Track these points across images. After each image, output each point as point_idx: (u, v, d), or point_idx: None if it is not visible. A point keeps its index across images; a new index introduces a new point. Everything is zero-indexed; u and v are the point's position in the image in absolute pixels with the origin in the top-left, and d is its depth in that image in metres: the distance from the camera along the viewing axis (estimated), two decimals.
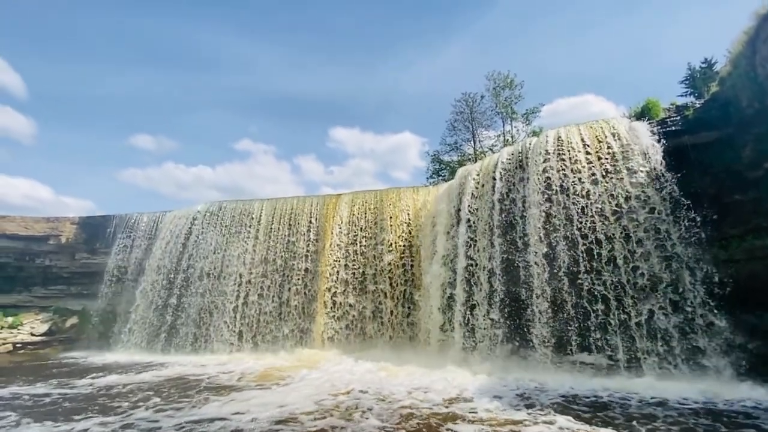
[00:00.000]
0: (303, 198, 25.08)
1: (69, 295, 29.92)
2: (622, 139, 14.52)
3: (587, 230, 13.67)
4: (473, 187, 17.96)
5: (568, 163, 14.86)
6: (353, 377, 14.19)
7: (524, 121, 33.44)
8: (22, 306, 29.53)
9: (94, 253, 30.09)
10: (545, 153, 15.44)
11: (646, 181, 13.52)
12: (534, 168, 15.62)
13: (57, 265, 30.69)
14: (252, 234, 24.24)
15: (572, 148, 15.05)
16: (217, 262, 24.11)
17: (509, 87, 33.41)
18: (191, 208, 27.36)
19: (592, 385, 11.60)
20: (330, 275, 21.62)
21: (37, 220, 31.37)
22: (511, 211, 16.13)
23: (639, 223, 13.15)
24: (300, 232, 23.47)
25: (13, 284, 30.20)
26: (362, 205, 23.08)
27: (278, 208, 24.73)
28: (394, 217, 21.94)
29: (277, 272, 22.88)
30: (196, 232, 25.55)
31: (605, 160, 14.37)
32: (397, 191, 22.88)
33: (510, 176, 16.71)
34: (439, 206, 19.94)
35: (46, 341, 26.94)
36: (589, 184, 14.22)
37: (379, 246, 21.58)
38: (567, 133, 15.50)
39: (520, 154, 16.74)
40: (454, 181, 19.87)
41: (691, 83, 23.62)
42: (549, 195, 14.79)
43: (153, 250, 26.48)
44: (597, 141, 14.89)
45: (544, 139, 15.93)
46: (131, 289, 26.20)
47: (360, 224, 22.52)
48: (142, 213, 29.58)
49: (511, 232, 15.86)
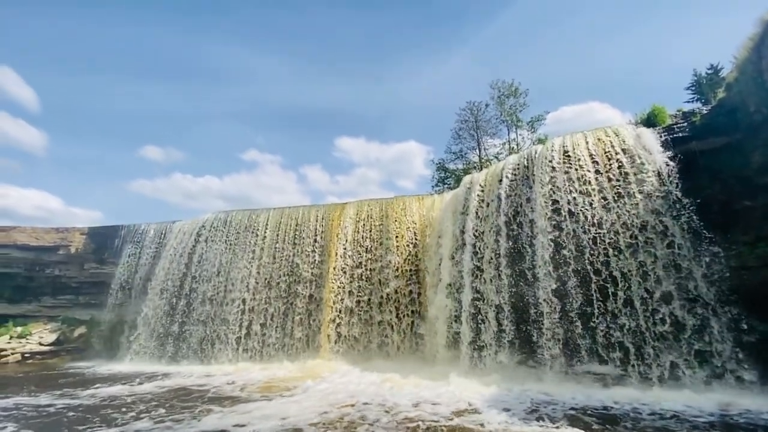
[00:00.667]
0: (308, 208, 25.11)
1: (77, 305, 30.16)
2: (634, 157, 14.09)
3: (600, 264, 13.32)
4: (476, 205, 17.55)
5: (576, 184, 14.50)
6: (358, 388, 14.02)
7: (529, 129, 33.38)
8: (31, 316, 29.82)
9: (103, 263, 30.38)
10: (551, 170, 15.13)
11: (662, 206, 13.06)
12: (540, 190, 15.16)
13: (66, 275, 31.02)
14: (256, 254, 24.01)
15: (580, 167, 14.70)
16: (221, 279, 24.15)
17: (514, 95, 33.45)
18: (198, 218, 27.59)
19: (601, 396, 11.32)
20: (334, 303, 21.16)
21: (47, 231, 31.83)
22: (518, 237, 15.67)
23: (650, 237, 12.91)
24: (304, 252, 23.20)
25: (23, 294, 30.56)
26: (367, 220, 22.72)
27: (283, 222, 24.56)
28: (399, 236, 21.53)
29: (281, 298, 22.70)
30: (201, 244, 25.68)
31: (616, 182, 14.00)
32: (402, 200, 22.82)
33: (516, 196, 16.31)
34: (444, 225, 19.53)
35: (54, 351, 27.10)
36: (600, 209, 13.84)
37: (384, 269, 21.11)
38: (573, 145, 15.26)
39: (526, 168, 16.49)
40: (459, 190, 19.78)
41: (697, 89, 23.38)
42: (557, 221, 14.40)
43: (160, 260, 26.67)
44: (606, 158, 14.54)
45: (549, 153, 15.63)
46: (138, 298, 26.35)
47: (365, 244, 22.13)
48: (150, 223, 29.87)
49: (519, 262, 15.39)
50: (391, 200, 23.20)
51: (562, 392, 12.06)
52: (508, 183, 16.61)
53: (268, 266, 23.46)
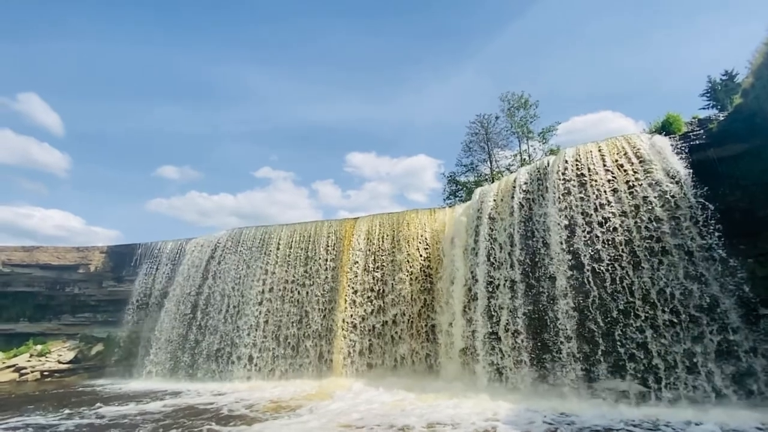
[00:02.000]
0: (320, 223, 25.15)
1: (95, 323, 30.66)
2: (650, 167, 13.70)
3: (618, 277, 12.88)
4: (489, 217, 17.21)
5: (591, 195, 14.15)
6: (369, 408, 13.68)
7: (541, 140, 33.20)
8: (50, 334, 30.40)
9: (121, 281, 30.95)
10: (564, 182, 14.86)
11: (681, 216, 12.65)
12: (554, 202, 14.81)
13: (85, 293, 31.67)
14: (269, 271, 24.00)
15: (594, 177, 14.41)
16: (235, 297, 24.28)
17: (524, 107, 33.44)
18: (212, 235, 27.98)
19: None
20: (347, 320, 20.86)
21: (68, 250, 32.69)
22: (533, 250, 15.24)
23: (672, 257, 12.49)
24: (317, 268, 23.05)
25: (43, 313, 31.26)
26: (379, 235, 22.53)
27: (295, 238, 24.59)
28: (412, 251, 21.20)
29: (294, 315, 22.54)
30: (216, 262, 25.96)
31: (632, 192, 13.63)
32: (414, 213, 22.68)
33: (529, 208, 16.00)
34: (456, 238, 19.10)
35: (72, 369, 27.46)
36: (616, 220, 13.45)
37: (397, 285, 20.73)
38: (586, 155, 15.01)
39: (539, 180, 16.22)
40: (471, 203, 19.58)
41: (712, 96, 23.07)
42: (573, 234, 14.04)
43: (175, 278, 27.03)
44: (621, 168, 14.21)
45: (562, 164, 15.37)
46: (154, 316, 26.65)
47: (377, 259, 21.88)
48: (166, 241, 30.42)
49: (535, 276, 14.94)
50: (403, 214, 23.12)
51: (583, 410, 11.60)
52: (521, 195, 16.39)
53: (281, 283, 23.51)
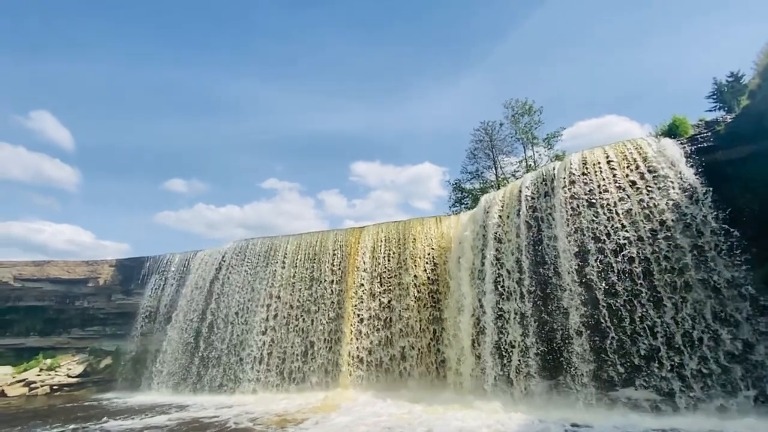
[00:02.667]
0: (326, 233, 25.14)
1: (104, 336, 30.78)
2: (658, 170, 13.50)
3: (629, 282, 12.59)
4: (496, 224, 17.00)
5: (598, 201, 13.92)
6: (377, 421, 13.43)
7: (546, 146, 33.08)
8: (60, 348, 30.55)
9: (129, 294, 31.13)
10: (571, 187, 14.65)
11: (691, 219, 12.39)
12: (561, 207, 14.56)
13: (94, 307, 31.87)
14: (276, 282, 23.88)
15: (601, 182, 14.17)
16: (242, 309, 24.22)
17: (528, 113, 33.42)
18: (220, 247, 28.11)
19: None
20: (354, 329, 20.63)
21: (78, 264, 33.03)
22: (541, 256, 15.05)
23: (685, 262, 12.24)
24: (323, 278, 22.86)
25: (53, 327, 31.47)
26: (385, 244, 22.34)
27: (301, 249, 24.51)
28: (418, 259, 20.94)
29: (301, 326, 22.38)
30: (223, 273, 26.02)
31: (640, 197, 13.37)
32: (420, 221, 22.57)
33: (536, 215, 15.77)
34: (463, 245, 18.85)
35: (81, 383, 27.50)
36: (626, 225, 13.19)
37: (404, 294, 20.51)
38: (593, 160, 14.86)
39: (545, 185, 16.05)
40: (477, 210, 19.44)
41: (718, 98, 22.90)
42: (581, 239, 13.81)
43: (183, 290, 27.12)
44: (628, 172, 14.01)
45: (568, 169, 15.21)
46: (162, 329, 26.70)
47: (384, 269, 21.67)
48: (174, 253, 30.61)
49: (544, 282, 14.71)
50: (409, 222, 23.04)
51: (598, 420, 11.30)
52: (527, 201, 16.27)
53: (288, 294, 23.45)
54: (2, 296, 31.42)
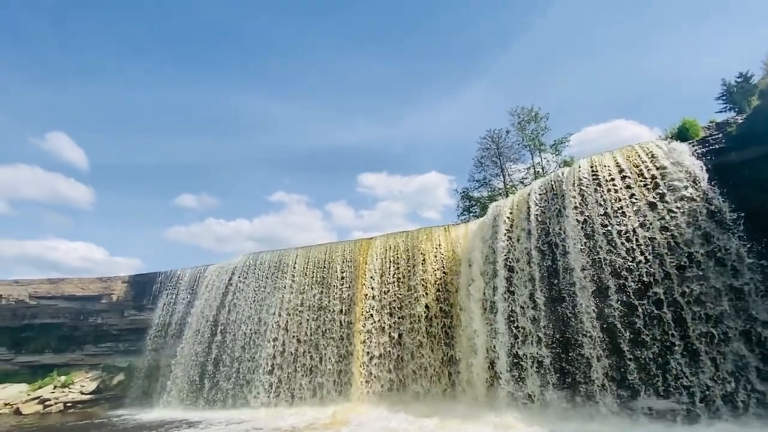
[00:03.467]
0: (335, 245, 25.07)
1: (117, 352, 30.94)
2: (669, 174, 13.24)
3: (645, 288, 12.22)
4: (506, 232, 16.69)
5: (610, 206, 13.60)
6: None
7: (553, 152, 32.91)
8: (74, 364, 30.76)
9: (141, 310, 31.35)
10: (581, 193, 14.43)
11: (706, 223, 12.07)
12: (572, 214, 14.27)
13: (108, 323, 32.12)
14: (285, 296, 23.82)
15: (612, 187, 13.86)
16: (252, 322, 24.23)
17: (534, 120, 33.36)
18: (230, 261, 28.27)
19: None
20: (364, 342, 20.36)
21: (92, 281, 33.47)
22: (553, 264, 14.69)
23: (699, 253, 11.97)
24: (333, 291, 22.73)
25: (68, 343, 31.75)
26: (394, 255, 22.14)
27: (310, 261, 24.43)
28: (428, 269, 20.71)
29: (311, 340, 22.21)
30: (233, 287, 26.09)
31: (652, 201, 13.08)
32: (429, 231, 22.44)
33: (546, 222, 15.47)
34: (473, 254, 18.56)
35: (94, 399, 27.59)
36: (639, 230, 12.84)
37: (414, 305, 20.17)
38: (602, 165, 14.62)
39: (554, 192, 15.83)
40: (486, 218, 19.23)
41: (728, 99, 22.60)
42: (594, 246, 13.48)
43: (194, 305, 27.25)
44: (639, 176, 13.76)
45: (577, 175, 14.99)
46: (173, 344, 26.76)
47: (394, 280, 21.44)
48: (185, 268, 30.87)
49: (556, 291, 14.36)
50: (417, 232, 22.91)
51: None
52: (536, 208, 16.10)
53: (298, 307, 23.37)
54: (18, 314, 31.92)
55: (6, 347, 31.41)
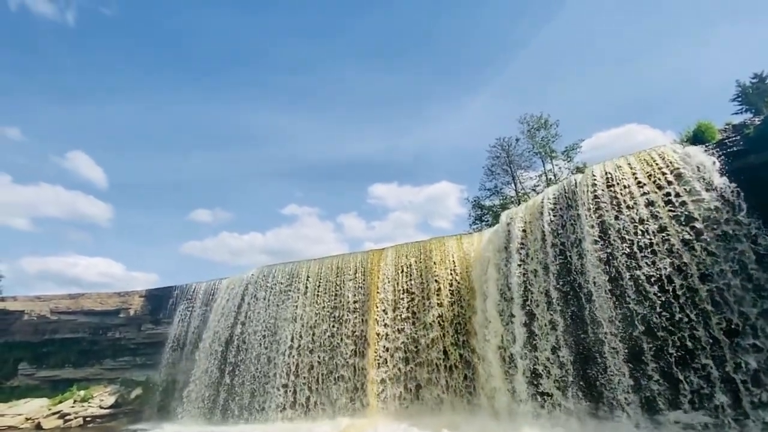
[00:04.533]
0: (347, 256, 25.12)
1: (135, 366, 31.29)
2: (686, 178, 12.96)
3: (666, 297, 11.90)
4: (519, 240, 16.53)
5: (626, 213, 13.29)
6: None
7: (565, 159, 32.66)
8: (93, 379, 31.19)
9: (158, 324, 31.74)
10: (595, 200, 14.17)
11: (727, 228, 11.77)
12: (587, 221, 14.07)
13: (126, 337, 32.58)
14: (299, 309, 23.77)
15: (628, 193, 13.61)
16: (267, 335, 24.29)
17: (544, 127, 33.25)
18: (244, 274, 28.47)
19: None
20: (379, 356, 20.14)
21: (110, 296, 34.07)
22: (569, 272, 14.50)
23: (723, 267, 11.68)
24: (346, 303, 22.61)
25: (87, 358, 32.26)
26: (407, 265, 21.97)
27: (323, 273, 24.39)
28: (442, 279, 20.50)
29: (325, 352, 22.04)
30: (247, 301, 26.21)
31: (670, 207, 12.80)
32: (441, 241, 22.31)
33: (561, 229, 15.30)
34: (487, 264, 18.39)
35: (113, 414, 27.86)
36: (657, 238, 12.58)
37: (429, 316, 19.96)
38: (616, 171, 14.40)
39: (567, 198, 15.63)
40: (499, 227, 19.09)
41: (743, 100, 22.24)
42: (611, 254, 13.21)
43: (209, 319, 27.46)
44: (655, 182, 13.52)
45: (590, 181, 14.78)
46: (190, 358, 26.96)
47: (407, 291, 21.29)
48: (200, 282, 31.22)
49: (574, 299, 14.16)
50: (430, 242, 22.83)
51: None
52: (550, 216, 15.93)
53: (311, 319, 23.37)
54: (40, 329, 32.62)
55: (28, 362, 32.06)
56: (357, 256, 24.64)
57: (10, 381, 31.26)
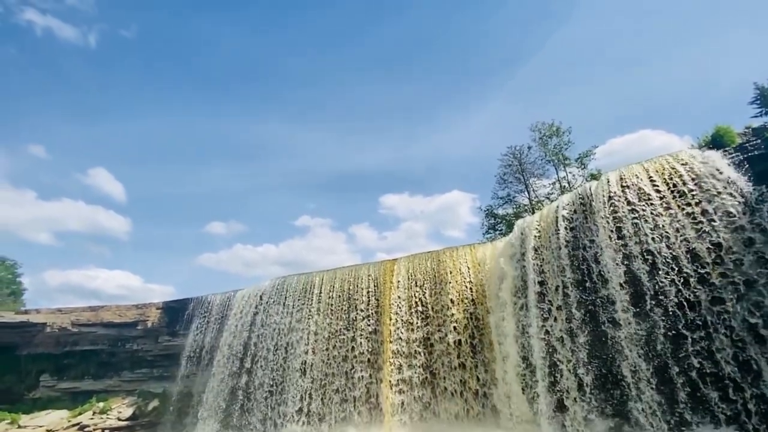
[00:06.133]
0: (359, 267, 25.13)
1: (152, 378, 31.61)
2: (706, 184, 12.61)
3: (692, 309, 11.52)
4: (534, 250, 16.21)
5: (645, 221, 12.98)
6: None
7: (579, 166, 32.17)
8: (111, 390, 31.60)
9: (175, 336, 32.10)
10: (612, 207, 13.86)
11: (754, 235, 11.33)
12: (604, 230, 13.71)
13: (143, 349, 33.00)
14: (313, 321, 23.71)
15: (646, 200, 13.28)
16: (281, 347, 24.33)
17: (556, 134, 32.89)
18: (258, 286, 28.72)
19: None
20: (393, 366, 19.96)
21: (128, 308, 34.68)
22: (586, 281, 14.10)
23: None
24: (359, 314, 22.46)
25: (106, 370, 32.75)
26: (420, 276, 21.76)
27: (336, 285, 24.32)
28: (456, 290, 20.21)
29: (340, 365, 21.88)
30: (262, 312, 26.38)
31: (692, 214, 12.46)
32: (454, 251, 22.13)
33: (577, 238, 14.92)
34: (502, 274, 17.99)
35: (130, 426, 28.13)
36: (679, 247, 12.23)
37: (443, 327, 19.72)
38: (632, 177, 14.14)
39: (583, 206, 15.35)
40: (513, 236, 18.87)
41: (763, 102, 21.64)
42: (631, 264, 12.81)
43: (224, 330, 27.67)
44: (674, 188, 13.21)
45: (606, 189, 14.54)
46: (205, 370, 27.15)
47: (420, 301, 21.05)
48: (215, 294, 31.57)
49: (593, 309, 13.73)
50: (443, 252, 22.67)
51: None
52: (565, 224, 15.69)
53: (325, 330, 23.33)
54: (61, 341, 33.30)
55: (49, 374, 32.69)
56: (369, 268, 24.61)
57: (32, 393, 31.89)
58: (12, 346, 33.11)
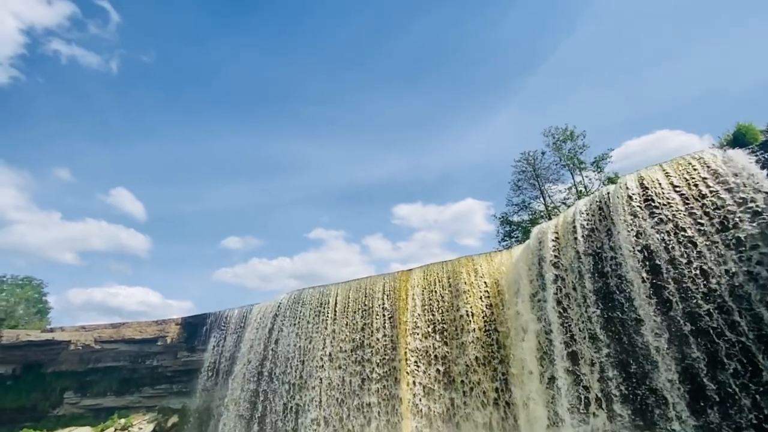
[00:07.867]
0: (374, 279, 24.93)
1: (171, 394, 31.85)
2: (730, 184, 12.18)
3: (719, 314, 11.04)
4: (552, 257, 15.87)
5: (666, 224, 12.61)
6: None
7: (595, 170, 31.54)
8: (132, 407, 31.98)
9: (193, 351, 32.37)
10: (632, 211, 13.48)
11: None
12: (624, 236, 13.26)
13: (162, 365, 33.37)
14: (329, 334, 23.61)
15: (667, 204, 12.89)
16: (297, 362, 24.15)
17: (570, 139, 32.41)
18: (274, 299, 28.81)
19: None
20: (411, 380, 19.61)
21: (149, 324, 35.22)
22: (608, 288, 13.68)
23: None
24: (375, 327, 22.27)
25: (127, 386, 33.21)
26: (435, 286, 21.47)
27: (351, 297, 24.19)
28: (472, 300, 19.85)
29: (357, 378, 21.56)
30: (278, 326, 26.33)
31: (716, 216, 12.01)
32: (470, 260, 21.76)
33: (596, 244, 14.54)
34: (520, 282, 17.68)
35: None
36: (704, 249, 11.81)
37: (461, 338, 19.37)
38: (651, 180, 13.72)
39: (601, 211, 14.91)
40: (530, 243, 18.47)
41: None
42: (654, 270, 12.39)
43: (241, 345, 27.76)
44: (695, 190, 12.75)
45: (624, 192, 14.15)
46: (224, 384, 27.20)
47: (436, 312, 20.79)
48: (232, 309, 31.81)
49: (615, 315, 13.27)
50: (458, 261, 22.33)
51: None
52: (583, 230, 15.28)
53: (342, 342, 23.14)
54: (85, 358, 33.98)
55: (73, 391, 33.32)
56: (384, 279, 24.39)
57: (56, 410, 32.52)
58: (38, 364, 33.96)
